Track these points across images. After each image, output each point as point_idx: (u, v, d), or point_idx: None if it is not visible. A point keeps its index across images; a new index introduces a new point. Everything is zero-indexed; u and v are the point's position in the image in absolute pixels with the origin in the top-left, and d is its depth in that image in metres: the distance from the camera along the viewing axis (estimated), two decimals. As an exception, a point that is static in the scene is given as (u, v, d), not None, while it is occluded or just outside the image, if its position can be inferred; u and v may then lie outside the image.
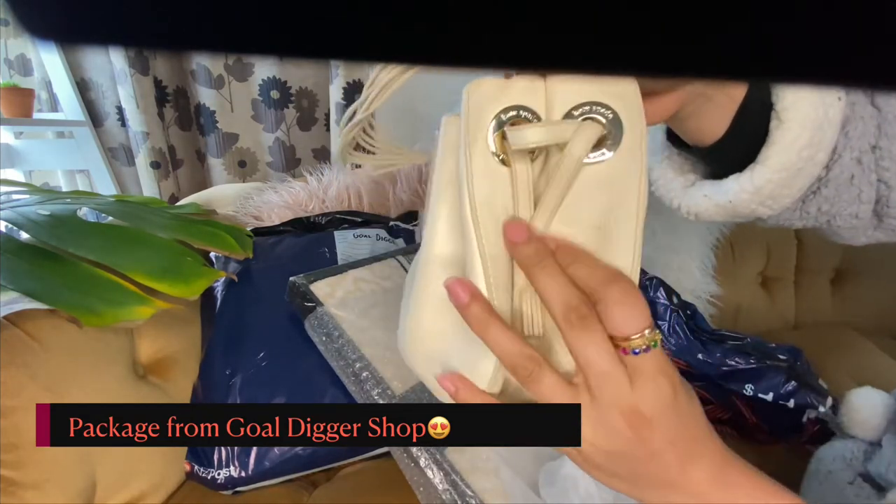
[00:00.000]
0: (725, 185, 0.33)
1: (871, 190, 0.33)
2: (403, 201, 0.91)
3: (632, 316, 0.24)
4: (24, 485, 0.44)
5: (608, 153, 0.25)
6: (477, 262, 0.26)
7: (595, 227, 0.25)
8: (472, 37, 0.08)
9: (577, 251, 0.25)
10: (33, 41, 0.08)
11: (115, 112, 1.11)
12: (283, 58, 0.08)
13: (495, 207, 0.26)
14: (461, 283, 0.26)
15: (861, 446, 0.55)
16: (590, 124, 0.24)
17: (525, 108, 0.25)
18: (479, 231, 0.25)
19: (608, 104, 0.25)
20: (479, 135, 0.25)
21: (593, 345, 0.24)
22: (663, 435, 0.25)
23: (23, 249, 0.52)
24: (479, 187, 0.25)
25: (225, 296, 0.69)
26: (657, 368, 0.24)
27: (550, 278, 0.25)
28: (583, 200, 0.25)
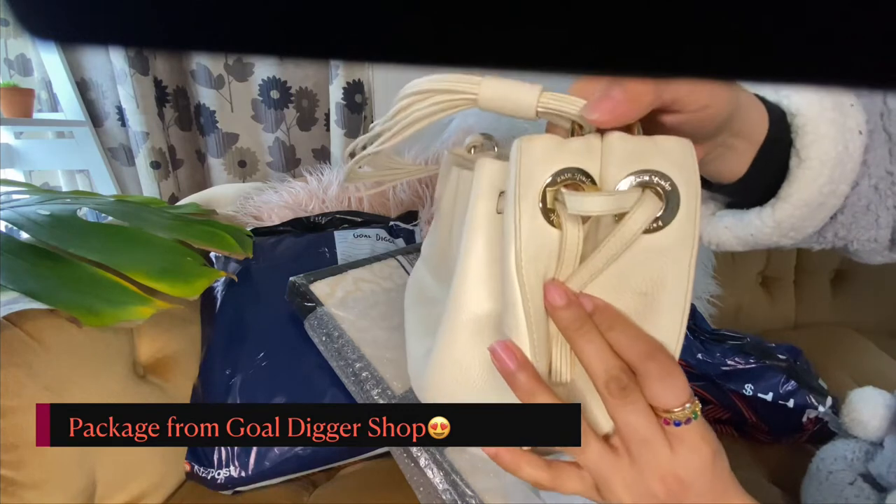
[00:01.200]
0: (747, 218, 0.33)
1: (889, 215, 0.33)
2: (403, 201, 0.91)
3: (672, 391, 0.24)
4: (24, 485, 0.44)
5: (661, 223, 0.24)
6: (522, 324, 0.25)
7: (640, 293, 0.25)
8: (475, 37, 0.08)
9: (617, 315, 0.25)
10: (33, 41, 0.08)
11: (115, 112, 1.11)
12: (283, 58, 0.08)
13: (539, 268, 0.25)
14: (508, 349, 0.25)
15: (862, 447, 0.55)
16: (651, 197, 0.23)
17: (581, 170, 0.24)
18: (525, 292, 0.25)
19: (667, 174, 0.24)
20: (530, 193, 0.24)
21: (635, 414, 0.24)
22: (698, 497, 0.25)
23: (23, 249, 0.52)
24: (526, 246, 0.25)
25: (225, 296, 0.69)
26: (699, 437, 0.25)
27: (591, 345, 0.25)
28: (631, 267, 0.25)
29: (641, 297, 0.25)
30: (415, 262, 0.71)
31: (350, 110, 1.11)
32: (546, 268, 0.25)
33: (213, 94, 1.13)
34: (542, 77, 0.27)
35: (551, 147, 0.25)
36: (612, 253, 0.24)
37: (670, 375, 0.24)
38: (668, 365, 0.24)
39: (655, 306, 0.25)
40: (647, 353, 0.24)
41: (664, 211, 0.24)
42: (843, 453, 0.55)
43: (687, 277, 0.24)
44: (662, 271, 0.24)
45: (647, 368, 0.24)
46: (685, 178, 0.24)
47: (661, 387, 0.24)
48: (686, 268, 0.24)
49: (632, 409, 0.24)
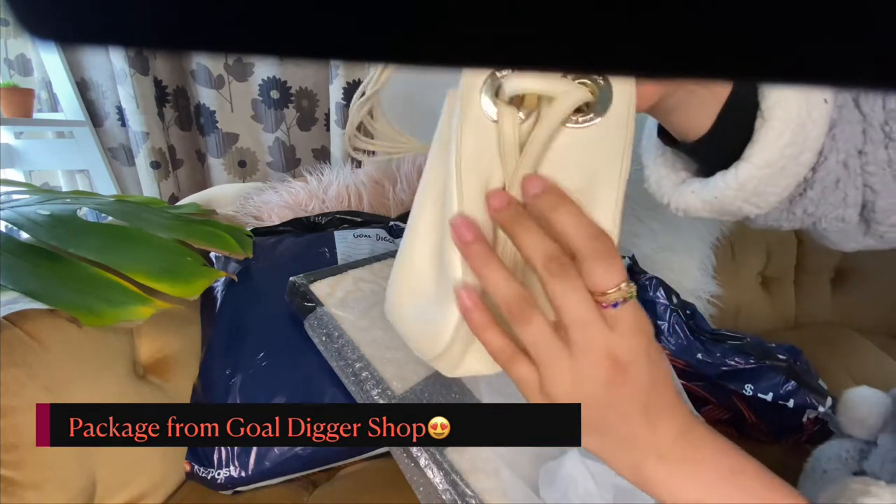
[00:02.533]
0: (712, 181, 0.34)
1: (857, 194, 0.34)
2: (403, 201, 0.91)
3: (609, 272, 0.25)
4: (24, 485, 0.44)
5: (596, 119, 0.26)
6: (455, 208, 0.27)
7: (577, 189, 0.27)
8: (473, 37, 0.08)
9: (563, 197, 0.26)
10: (33, 41, 0.08)
11: (115, 112, 1.11)
12: (283, 58, 0.08)
13: (481, 165, 0.27)
14: (467, 222, 0.27)
15: (857, 445, 0.55)
16: (580, 87, 0.25)
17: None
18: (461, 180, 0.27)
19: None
20: (473, 91, 0.26)
21: (573, 292, 0.25)
22: (635, 385, 0.26)
23: (23, 249, 0.52)
24: (467, 143, 0.27)
25: (225, 296, 0.69)
26: (634, 320, 0.25)
27: (530, 232, 0.26)
28: (568, 161, 0.27)
29: (579, 193, 0.27)
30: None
31: (350, 110, 1.12)
32: (488, 169, 0.27)
33: (213, 94, 1.13)
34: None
35: None
36: (544, 137, 0.25)
37: (608, 257, 0.25)
38: (606, 247, 0.25)
39: (592, 198, 0.27)
40: (587, 234, 0.25)
41: (598, 104, 0.26)
42: (838, 452, 0.55)
43: (619, 169, 0.26)
44: (596, 164, 0.26)
45: (586, 249, 0.25)
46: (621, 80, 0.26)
47: (600, 268, 0.25)
48: (618, 162, 0.26)
49: (570, 289, 0.25)
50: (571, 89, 0.25)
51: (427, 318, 0.30)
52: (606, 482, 0.46)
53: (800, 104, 0.30)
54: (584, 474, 0.46)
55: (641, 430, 0.27)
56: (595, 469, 0.47)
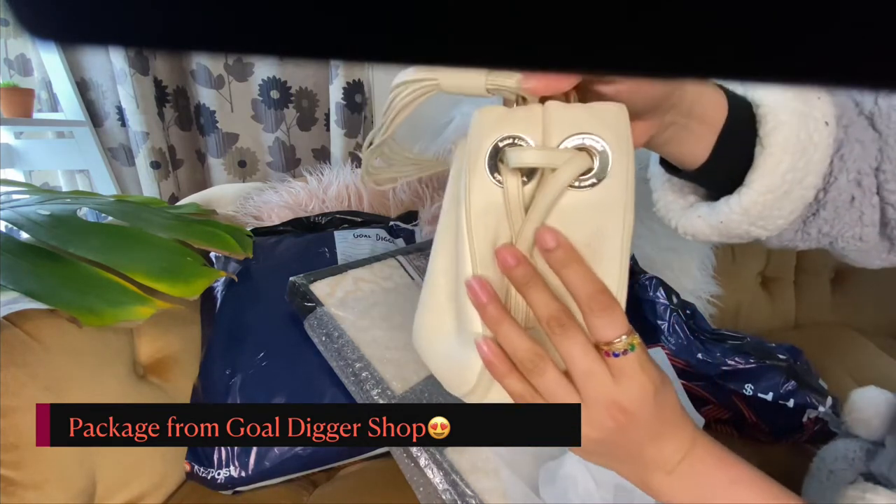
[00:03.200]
0: (717, 206, 0.34)
1: (874, 212, 0.34)
2: (403, 201, 0.91)
3: (611, 325, 0.26)
4: (24, 485, 0.44)
5: (597, 180, 0.27)
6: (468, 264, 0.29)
7: (584, 244, 0.28)
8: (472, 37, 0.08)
9: (574, 254, 0.27)
10: (33, 41, 0.08)
11: (115, 112, 1.11)
12: (283, 58, 0.08)
13: (489, 222, 0.28)
14: (481, 284, 0.28)
15: (864, 446, 0.55)
16: (580, 155, 0.26)
17: (521, 137, 0.27)
18: (472, 236, 0.28)
19: (599, 136, 0.26)
20: (479, 156, 0.28)
21: (576, 347, 0.27)
22: (642, 425, 0.28)
23: (23, 249, 0.52)
24: (475, 202, 0.28)
25: (225, 296, 0.69)
26: (638, 368, 0.27)
27: (537, 292, 0.27)
28: (574, 222, 0.28)
29: (586, 247, 0.28)
30: (415, 262, 0.71)
31: (350, 110, 1.11)
32: (496, 225, 0.28)
33: (213, 94, 1.13)
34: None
35: (498, 116, 0.28)
36: (547, 202, 0.26)
37: (609, 310, 0.26)
38: (608, 302, 0.27)
39: (598, 255, 0.28)
40: (592, 290, 0.27)
41: (597, 168, 0.27)
42: (845, 453, 0.55)
43: (622, 228, 0.27)
44: (601, 224, 0.27)
45: (590, 304, 0.26)
46: (616, 138, 0.26)
47: (601, 321, 0.26)
48: (620, 219, 0.27)
49: (573, 344, 0.27)
50: (572, 160, 0.26)
51: (453, 359, 0.32)
52: (606, 482, 0.46)
53: (798, 129, 0.30)
54: (584, 474, 0.46)
55: (649, 454, 0.29)
56: (595, 469, 0.47)
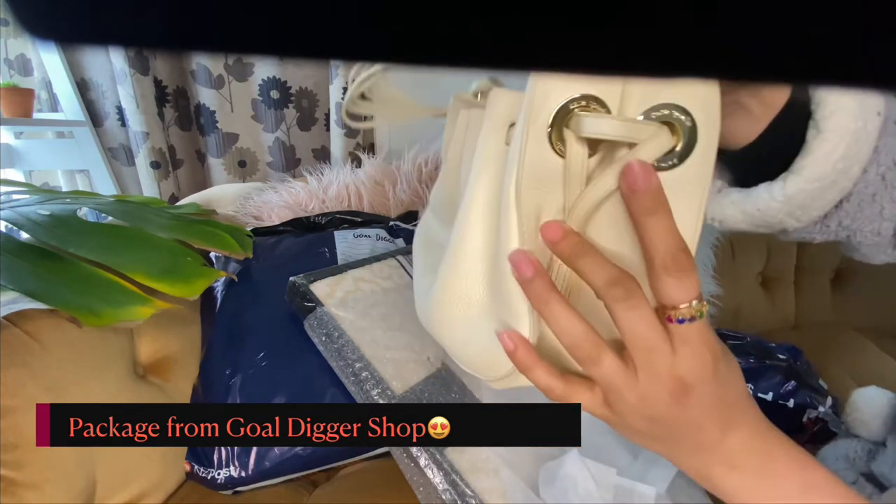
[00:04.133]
0: (755, 192, 0.32)
1: (894, 206, 0.33)
2: (403, 201, 0.91)
3: (682, 285, 0.24)
4: (24, 485, 0.44)
5: (677, 161, 0.23)
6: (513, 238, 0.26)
7: None
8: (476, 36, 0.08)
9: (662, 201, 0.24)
10: (33, 41, 0.08)
11: (115, 112, 1.11)
12: (283, 58, 0.08)
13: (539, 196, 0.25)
14: (527, 257, 0.26)
15: (865, 446, 0.55)
16: (665, 132, 0.23)
17: (597, 98, 0.23)
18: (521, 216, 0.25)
19: (689, 111, 0.23)
20: (541, 116, 0.24)
21: (639, 317, 0.24)
22: (703, 402, 0.25)
23: (23, 249, 0.52)
24: (529, 172, 0.25)
25: (225, 296, 0.69)
26: (700, 339, 0.24)
27: (591, 259, 0.25)
28: None
29: None
30: (415, 262, 0.71)
31: (350, 110, 1.11)
32: (543, 196, 0.25)
33: (213, 94, 1.13)
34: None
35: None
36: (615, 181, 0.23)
37: (686, 271, 0.24)
38: (687, 262, 0.24)
39: None
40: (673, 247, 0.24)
41: (680, 148, 0.23)
42: (846, 452, 0.55)
43: (697, 215, 0.24)
44: (676, 207, 0.24)
45: (667, 261, 0.23)
46: (707, 117, 0.23)
47: (675, 281, 0.24)
48: (697, 206, 0.24)
49: (636, 315, 0.24)
50: (654, 135, 0.23)
51: (482, 345, 0.29)
52: (606, 482, 0.46)
53: (856, 115, 0.28)
54: (584, 474, 0.46)
55: (710, 440, 0.26)
56: (595, 469, 0.47)
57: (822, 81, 0.08)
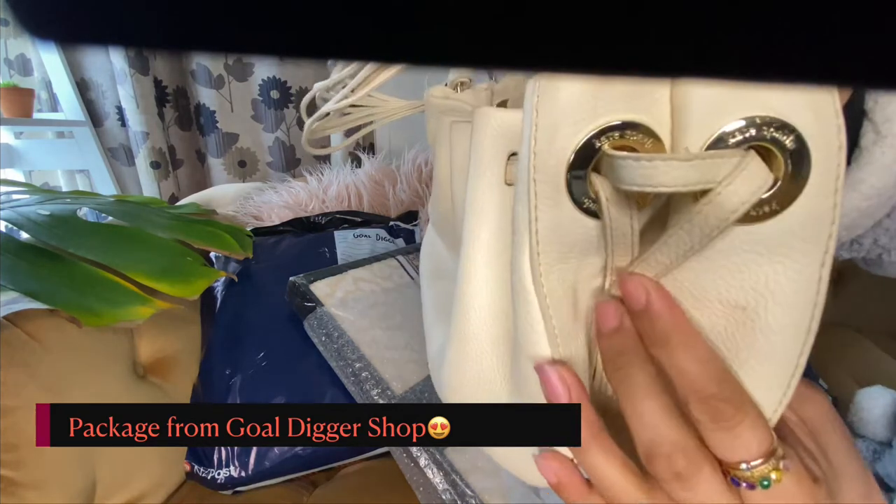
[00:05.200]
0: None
1: None
2: (403, 201, 0.91)
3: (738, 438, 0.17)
4: (24, 485, 0.44)
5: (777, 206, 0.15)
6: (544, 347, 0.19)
7: (736, 306, 0.17)
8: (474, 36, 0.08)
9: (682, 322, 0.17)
10: (33, 41, 0.08)
11: (115, 112, 1.11)
12: (283, 58, 0.08)
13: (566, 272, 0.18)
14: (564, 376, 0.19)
15: (870, 446, 0.54)
16: (757, 163, 0.14)
17: (636, 124, 0.15)
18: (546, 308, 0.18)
19: (790, 123, 0.14)
20: (550, 166, 0.16)
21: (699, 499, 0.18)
22: None
23: (23, 249, 0.52)
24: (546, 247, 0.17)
25: (225, 296, 0.69)
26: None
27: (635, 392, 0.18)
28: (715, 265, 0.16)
29: (737, 311, 0.17)
30: (415, 262, 0.71)
31: (350, 110, 1.11)
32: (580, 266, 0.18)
33: (213, 94, 1.13)
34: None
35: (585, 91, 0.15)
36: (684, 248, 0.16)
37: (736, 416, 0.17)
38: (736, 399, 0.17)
39: (758, 328, 0.17)
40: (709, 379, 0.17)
41: (782, 183, 0.15)
42: None
43: (817, 289, 0.16)
44: (773, 277, 0.16)
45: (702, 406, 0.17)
46: (820, 129, 0.14)
47: (723, 435, 0.17)
48: (816, 273, 0.16)
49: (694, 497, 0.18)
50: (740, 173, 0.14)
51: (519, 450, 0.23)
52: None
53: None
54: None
55: None
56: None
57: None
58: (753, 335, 0.17)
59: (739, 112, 0.15)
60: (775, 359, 0.17)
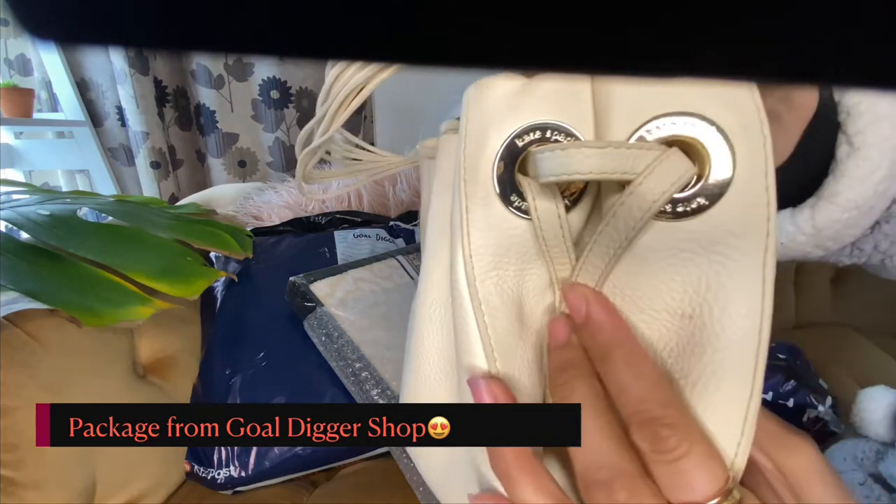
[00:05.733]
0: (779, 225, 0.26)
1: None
2: (403, 201, 0.91)
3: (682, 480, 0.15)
4: (24, 485, 0.44)
5: (706, 201, 0.15)
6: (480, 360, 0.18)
7: (681, 314, 0.16)
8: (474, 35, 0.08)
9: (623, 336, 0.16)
10: (33, 41, 0.08)
11: (115, 112, 1.11)
12: (283, 58, 0.08)
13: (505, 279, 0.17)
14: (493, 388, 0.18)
15: (873, 447, 0.54)
16: (679, 156, 0.15)
17: (557, 127, 0.16)
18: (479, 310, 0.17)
19: (711, 118, 0.15)
20: (480, 166, 0.17)
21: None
22: None
23: (23, 249, 0.52)
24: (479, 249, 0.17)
25: (225, 296, 0.69)
26: None
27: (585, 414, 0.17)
28: (657, 271, 0.16)
29: (683, 319, 0.16)
30: (415, 262, 0.71)
31: (350, 110, 1.11)
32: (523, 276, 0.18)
33: (213, 94, 1.13)
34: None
35: (511, 93, 0.16)
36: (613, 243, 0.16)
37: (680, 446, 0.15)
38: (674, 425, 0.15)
39: (706, 339, 0.15)
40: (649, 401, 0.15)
41: (706, 179, 0.15)
42: (853, 453, 0.55)
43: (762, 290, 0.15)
44: (716, 280, 0.15)
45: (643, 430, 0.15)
46: (742, 124, 0.15)
47: (667, 469, 0.15)
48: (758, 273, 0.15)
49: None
50: (659, 164, 0.14)
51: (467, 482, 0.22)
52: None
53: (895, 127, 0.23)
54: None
55: None
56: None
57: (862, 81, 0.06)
58: (702, 349, 0.16)
59: (659, 109, 0.15)
60: (727, 378, 0.15)
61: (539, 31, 0.07)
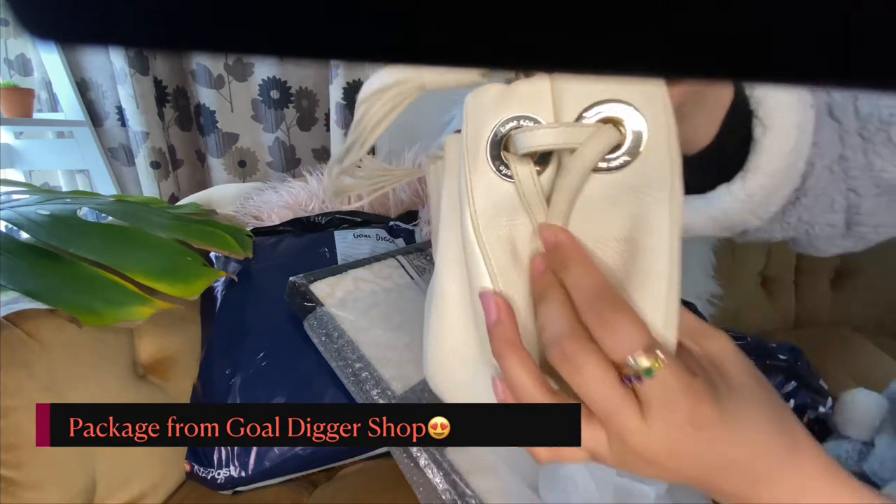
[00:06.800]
0: (715, 196, 0.33)
1: (843, 199, 0.34)
2: (403, 201, 0.91)
3: (617, 336, 0.20)
4: (24, 485, 0.44)
5: (629, 158, 0.22)
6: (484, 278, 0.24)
7: (622, 238, 0.23)
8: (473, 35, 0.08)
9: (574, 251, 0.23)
10: (33, 41, 0.08)
11: (115, 112, 1.11)
12: (283, 58, 0.08)
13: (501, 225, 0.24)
14: (492, 299, 0.24)
15: (855, 447, 0.56)
16: (605, 128, 0.22)
17: (528, 117, 0.23)
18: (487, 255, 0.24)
19: (626, 102, 0.22)
20: (478, 147, 0.24)
21: (585, 383, 0.21)
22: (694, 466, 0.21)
23: (23, 249, 0.52)
24: (481, 204, 0.24)
25: (225, 296, 0.69)
26: (664, 396, 0.20)
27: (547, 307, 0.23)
28: (606, 212, 0.23)
29: (624, 242, 0.23)
30: (415, 262, 0.71)
31: (350, 110, 1.11)
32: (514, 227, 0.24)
33: (213, 94, 1.13)
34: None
35: (496, 96, 0.23)
36: (570, 192, 0.22)
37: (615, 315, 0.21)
38: (611, 303, 0.21)
39: (640, 248, 0.22)
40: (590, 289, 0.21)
41: (629, 143, 0.22)
42: (837, 453, 0.56)
43: (668, 212, 0.22)
44: (642, 212, 0.22)
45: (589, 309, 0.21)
46: (649, 103, 0.22)
47: (606, 332, 0.21)
48: (665, 202, 0.22)
49: (582, 379, 0.21)
50: (595, 135, 0.21)
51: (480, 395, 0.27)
52: (606, 482, 0.46)
53: (797, 108, 0.29)
54: (584, 474, 0.46)
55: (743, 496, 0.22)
56: (595, 469, 0.47)
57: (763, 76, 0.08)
58: (634, 261, 0.23)
59: (595, 98, 0.22)
60: (651, 276, 0.22)
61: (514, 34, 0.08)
